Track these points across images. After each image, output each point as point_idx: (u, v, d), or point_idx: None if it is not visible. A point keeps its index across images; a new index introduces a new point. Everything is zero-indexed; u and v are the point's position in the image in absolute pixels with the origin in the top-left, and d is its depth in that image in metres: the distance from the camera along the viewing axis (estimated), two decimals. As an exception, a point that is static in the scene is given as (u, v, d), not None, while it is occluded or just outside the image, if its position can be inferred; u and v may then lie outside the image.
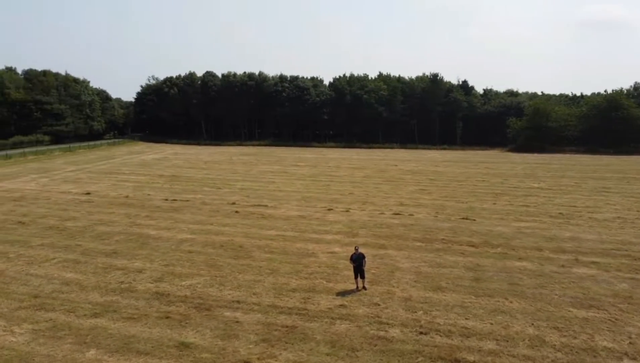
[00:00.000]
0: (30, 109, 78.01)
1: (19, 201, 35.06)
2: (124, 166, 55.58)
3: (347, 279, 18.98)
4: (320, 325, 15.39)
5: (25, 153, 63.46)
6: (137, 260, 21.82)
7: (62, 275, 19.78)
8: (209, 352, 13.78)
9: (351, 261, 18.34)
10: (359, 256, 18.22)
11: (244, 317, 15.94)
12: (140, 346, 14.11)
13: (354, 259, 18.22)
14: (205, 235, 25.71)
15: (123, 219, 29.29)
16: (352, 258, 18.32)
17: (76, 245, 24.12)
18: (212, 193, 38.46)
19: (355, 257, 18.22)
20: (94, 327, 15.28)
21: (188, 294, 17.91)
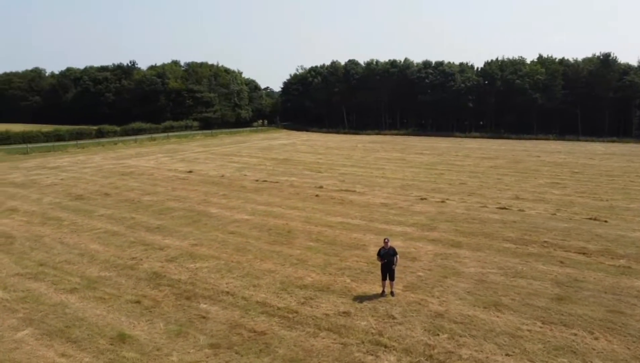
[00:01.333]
0: (184, 97, 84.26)
1: (126, 175, 36.46)
2: (246, 150, 56.14)
3: (379, 280, 14.62)
4: (298, 336, 11.55)
5: (169, 136, 68.25)
6: (173, 237, 20.29)
7: (87, 246, 18.74)
8: (139, 352, 10.98)
9: (379, 258, 14.23)
10: (388, 251, 13.95)
11: (218, 313, 13.02)
12: (78, 332, 11.89)
13: (382, 254, 14.00)
14: (263, 217, 23.13)
15: (198, 197, 28.22)
16: (379, 253, 14.16)
17: (131, 217, 23.34)
18: (308, 176, 35.95)
19: (384, 252, 14.00)
20: (56, 304, 13.57)
21: (183, 278, 15.35)
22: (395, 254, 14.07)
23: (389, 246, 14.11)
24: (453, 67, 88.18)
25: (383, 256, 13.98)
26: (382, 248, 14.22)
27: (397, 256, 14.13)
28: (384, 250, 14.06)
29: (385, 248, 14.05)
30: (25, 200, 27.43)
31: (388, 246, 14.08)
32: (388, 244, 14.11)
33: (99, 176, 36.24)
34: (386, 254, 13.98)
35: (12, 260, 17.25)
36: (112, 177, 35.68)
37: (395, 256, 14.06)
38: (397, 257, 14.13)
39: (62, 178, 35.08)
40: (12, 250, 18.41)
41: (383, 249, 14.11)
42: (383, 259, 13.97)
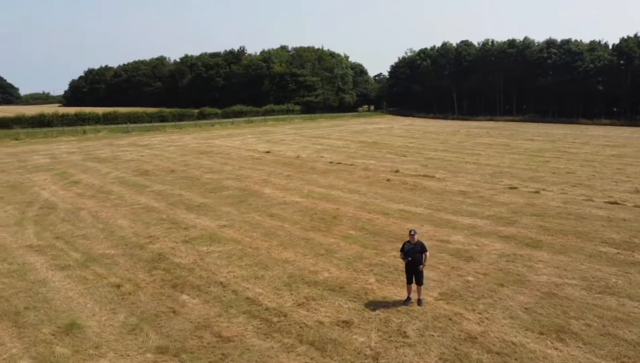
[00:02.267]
0: (287, 81, 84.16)
1: (203, 154, 36.10)
2: (337, 133, 53.90)
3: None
4: (268, 349, 8.93)
5: (267, 119, 68.14)
6: (207, 216, 18.64)
7: (115, 221, 17.73)
8: (74, 348, 9.12)
9: (401, 255, 11.04)
10: (414, 247, 10.75)
11: (194, 308, 10.95)
12: (32, 316, 10.41)
13: (406, 251, 10.75)
14: (315, 200, 20.64)
15: (259, 176, 26.57)
16: (403, 249, 10.97)
17: (179, 194, 22.16)
18: (388, 160, 32.73)
19: (408, 248, 10.81)
20: (37, 281, 12.35)
21: (185, 262, 13.36)
22: (423, 251, 10.67)
23: (415, 240, 10.70)
24: (581, 46, 77.78)
25: (407, 253, 10.67)
26: (406, 242, 10.89)
27: (426, 253, 10.72)
28: (408, 245, 10.74)
29: (411, 243, 10.71)
30: (94, 174, 27.57)
31: (415, 240, 10.70)
32: (415, 237, 10.73)
33: (177, 153, 36.12)
34: (411, 250, 10.66)
35: (35, 231, 16.50)
36: (189, 155, 35.31)
37: (423, 253, 10.64)
38: (426, 255, 10.73)
39: (142, 155, 35.40)
40: (43, 221, 17.80)
41: (408, 244, 10.78)
42: (407, 256, 10.62)
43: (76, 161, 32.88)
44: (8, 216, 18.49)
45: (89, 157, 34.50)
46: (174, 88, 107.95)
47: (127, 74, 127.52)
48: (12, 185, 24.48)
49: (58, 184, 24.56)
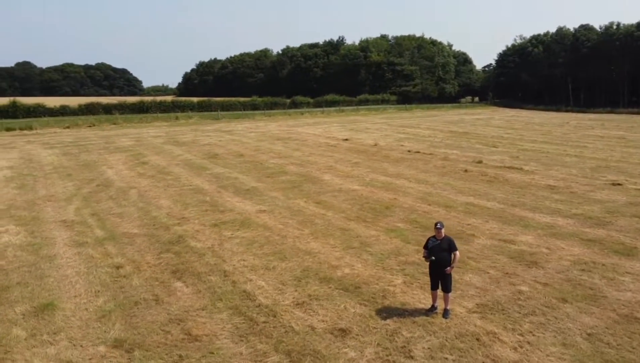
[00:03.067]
0: (383, 70, 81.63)
1: (279, 140, 35.54)
2: (428, 123, 50.85)
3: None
4: (233, 355, 7.26)
5: (359, 108, 66.40)
6: (251, 200, 17.54)
7: (157, 202, 17.34)
8: (32, 332, 8.15)
9: (425, 253, 8.79)
10: (439, 244, 8.62)
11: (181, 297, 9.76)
12: (16, 293, 9.78)
13: (430, 248, 8.64)
14: (373, 189, 18.84)
15: (326, 163, 25.19)
16: (426, 245, 8.78)
17: (234, 178, 21.46)
18: (474, 151, 29.75)
19: (432, 245, 8.64)
20: (47, 257, 11.83)
21: (201, 247, 12.31)
22: (452, 250, 8.37)
23: (442, 235, 8.42)
24: None
25: (431, 251, 8.43)
26: (431, 237, 8.65)
27: (455, 253, 8.43)
28: (433, 241, 8.52)
29: (437, 239, 8.45)
30: (165, 156, 27.76)
31: (441, 235, 8.42)
32: (441, 232, 8.45)
33: (255, 139, 35.74)
34: (436, 248, 8.42)
35: (77, 207, 16.42)
36: (266, 141, 34.76)
37: (452, 253, 8.34)
38: (455, 255, 8.44)
39: (220, 140, 35.44)
40: (91, 198, 17.81)
41: (432, 239, 8.55)
42: (430, 255, 8.40)
43: (156, 143, 33.62)
44: (64, 192, 18.67)
45: (170, 140, 35.16)
46: (274, 79, 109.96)
47: (233, 66, 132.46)
48: (86, 164, 25.21)
49: (126, 164, 24.87)
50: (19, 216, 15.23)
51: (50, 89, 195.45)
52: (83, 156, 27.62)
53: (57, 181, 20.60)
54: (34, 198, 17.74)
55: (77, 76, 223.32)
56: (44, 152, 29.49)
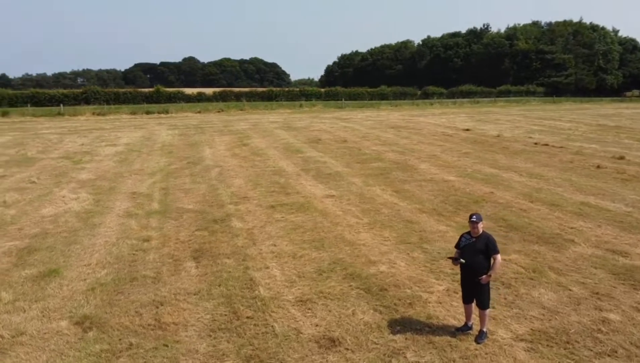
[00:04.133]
0: (531, 59, 74.35)
1: (393, 128, 33.92)
2: (572, 115, 44.77)
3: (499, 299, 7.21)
4: (189, 352, 6.23)
5: (497, 100, 61.22)
6: (327, 185, 16.24)
7: (231, 181, 16.98)
8: (16, 295, 7.82)
9: (455, 257, 6.61)
10: (473, 243, 6.51)
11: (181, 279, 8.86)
12: (38, 256, 9.61)
13: (462, 247, 6.58)
14: (471, 181, 16.58)
15: (431, 151, 23.04)
16: (458, 244, 6.69)
17: (322, 162, 20.61)
18: (619, 146, 25.26)
19: (465, 244, 6.56)
20: (90, 225, 11.81)
21: (239, 228, 11.59)
22: (491, 251, 6.17)
23: (479, 231, 6.23)
24: None
25: (462, 251, 6.31)
26: (464, 234, 6.47)
27: (496, 256, 6.17)
28: (466, 239, 6.36)
29: (472, 236, 6.29)
30: (269, 139, 27.75)
31: (477, 231, 6.24)
32: (478, 227, 6.24)
33: (367, 127, 34.32)
34: (469, 248, 6.28)
35: (155, 180, 16.74)
36: (378, 129, 33.16)
37: (492, 255, 6.13)
38: (495, 259, 6.20)
39: (332, 127, 34.71)
40: (174, 173, 18.09)
41: (466, 237, 6.39)
42: (458, 258, 6.27)
43: (269, 128, 33.83)
44: (153, 167, 19.14)
45: (284, 126, 35.19)
46: (412, 70, 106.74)
47: (373, 58, 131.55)
48: (193, 143, 25.98)
49: (228, 145, 25.10)
50: (98, 186, 15.67)
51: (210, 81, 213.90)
52: (195, 137, 28.57)
53: (156, 158, 21.24)
54: (124, 171, 18.33)
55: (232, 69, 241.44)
56: (165, 132, 31.20)
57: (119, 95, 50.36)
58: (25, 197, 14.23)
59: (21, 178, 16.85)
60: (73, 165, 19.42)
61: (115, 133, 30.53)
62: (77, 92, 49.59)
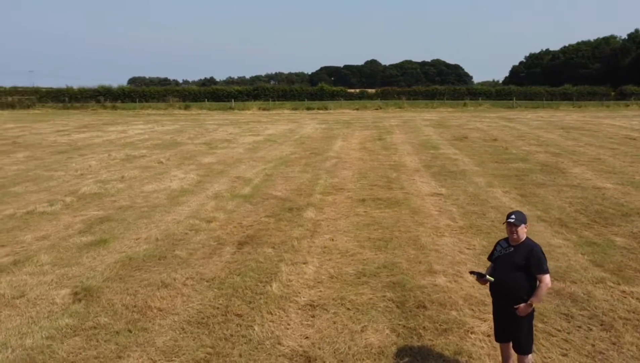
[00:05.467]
0: None
1: (563, 128, 29.54)
2: None
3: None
4: (124, 347, 5.58)
5: None
6: (439, 183, 14.36)
7: (339, 173, 16.04)
8: (53, 257, 8.13)
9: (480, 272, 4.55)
10: (510, 254, 4.44)
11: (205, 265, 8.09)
12: (103, 227, 10.03)
13: (494, 259, 4.57)
14: (632, 189, 13.33)
15: (596, 155, 19.45)
16: (491, 255, 4.66)
17: (454, 160, 18.59)
18: None
19: (499, 255, 4.53)
20: (173, 202, 12.01)
21: (308, 219, 10.61)
22: (535, 268, 4.18)
23: (520, 238, 4.27)
24: None
25: (494, 264, 4.42)
26: (500, 242, 4.51)
27: (542, 276, 4.14)
28: (501, 248, 4.42)
29: (509, 244, 4.37)
30: (411, 135, 26.29)
31: (518, 238, 4.30)
32: (518, 233, 4.27)
33: (531, 127, 30.56)
34: (504, 260, 4.34)
35: (270, 166, 16.56)
36: (543, 130, 29.32)
37: (538, 275, 4.14)
38: (542, 281, 4.18)
39: (489, 125, 31.60)
40: (291, 161, 17.84)
41: (502, 244, 4.44)
42: (485, 274, 4.37)
43: (417, 125, 32.12)
44: (275, 155, 19.22)
45: (435, 123, 33.12)
46: (612, 69, 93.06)
47: (565, 56, 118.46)
48: (330, 136, 25.76)
49: (361, 140, 24.29)
50: (211, 169, 16.09)
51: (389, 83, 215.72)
52: (336, 131, 28.26)
53: (284, 147, 21.31)
54: (246, 157, 18.64)
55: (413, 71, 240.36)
56: (311, 126, 31.53)
57: (285, 92, 52.91)
58: (142, 174, 15.06)
59: (155, 158, 18.06)
60: (207, 150, 20.34)
61: (266, 125, 31.77)
62: (249, 89, 53.43)
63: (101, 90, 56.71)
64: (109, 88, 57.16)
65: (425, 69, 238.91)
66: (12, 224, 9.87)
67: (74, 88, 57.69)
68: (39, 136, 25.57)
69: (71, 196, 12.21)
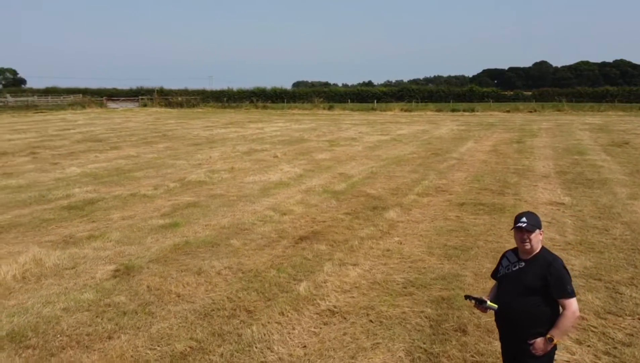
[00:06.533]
0: None
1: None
2: None
3: None
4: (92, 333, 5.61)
5: None
6: (568, 189, 12.37)
7: (450, 174, 14.94)
8: (123, 231, 8.73)
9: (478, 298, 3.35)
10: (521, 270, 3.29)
11: (275, 253, 7.79)
12: (194, 212, 10.56)
13: (499, 275, 3.51)
14: None
15: None
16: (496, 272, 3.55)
17: (599, 166, 16.14)
18: None
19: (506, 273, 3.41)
20: (266, 187, 12.20)
21: (390, 218, 9.90)
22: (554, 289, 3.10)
23: (534, 246, 3.22)
24: None
25: (500, 283, 3.42)
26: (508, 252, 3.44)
27: (568, 302, 3.04)
28: (508, 261, 3.38)
29: (520, 259, 3.32)
30: (561, 139, 23.37)
31: (532, 246, 3.23)
32: (531, 240, 3.21)
33: None
34: (511, 279, 3.33)
35: (381, 164, 15.91)
36: None
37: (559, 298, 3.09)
38: (568, 308, 3.07)
39: None
40: (409, 161, 16.92)
41: (509, 256, 3.40)
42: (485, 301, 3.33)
43: (570, 129, 28.42)
44: (392, 154, 18.45)
45: (595, 128, 29.02)
46: None
47: None
48: (461, 138, 24.06)
49: (496, 142, 22.21)
50: (320, 165, 15.94)
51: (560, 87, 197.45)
52: (471, 133, 26.30)
53: (407, 147, 20.47)
54: (362, 155, 18.22)
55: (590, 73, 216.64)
56: (446, 127, 29.85)
57: (431, 93, 50.99)
58: (252, 166, 15.43)
59: (272, 153, 18.47)
60: (327, 147, 20.27)
61: (400, 126, 30.85)
62: (394, 90, 52.57)
63: (256, 91, 60.72)
64: (263, 89, 60.96)
65: (606, 71, 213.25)
66: (113, 203, 10.61)
67: (233, 89, 62.72)
68: (187, 130, 27.99)
69: (177, 182, 12.84)
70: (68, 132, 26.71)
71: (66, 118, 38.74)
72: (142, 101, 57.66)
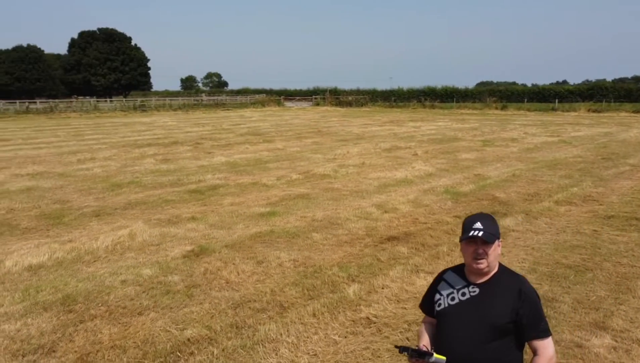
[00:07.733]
0: None
1: None
2: None
3: None
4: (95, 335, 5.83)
5: None
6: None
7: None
8: (196, 216, 9.27)
9: (407, 348, 2.31)
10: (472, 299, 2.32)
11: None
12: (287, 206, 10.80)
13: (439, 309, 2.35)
14: None
15: None
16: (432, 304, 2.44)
17: None
18: None
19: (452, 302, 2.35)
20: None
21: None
22: (526, 327, 2.24)
23: (490, 265, 2.40)
24: None
25: (442, 321, 2.44)
26: (446, 275, 2.56)
27: (542, 343, 2.19)
28: (451, 294, 2.46)
29: (470, 283, 2.42)
30: None
31: (488, 264, 2.38)
32: (488, 256, 2.32)
33: None
34: (461, 311, 2.37)
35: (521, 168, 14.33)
36: None
37: (529, 340, 2.28)
38: (542, 350, 2.19)
39: None
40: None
41: (452, 282, 2.51)
42: (427, 354, 2.21)
43: None
44: (554, 157, 16.29)
45: None
46: None
47: None
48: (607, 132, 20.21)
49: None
50: (460, 166, 14.74)
51: None
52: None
53: (569, 150, 17.87)
54: (516, 156, 16.42)
55: None
56: (637, 130, 25.41)
57: (629, 92, 43.78)
58: (385, 163, 15.00)
59: (413, 151, 17.68)
60: (479, 147, 18.74)
61: (578, 128, 27.12)
62: (582, 88, 46.39)
63: (426, 90, 59.27)
64: (433, 89, 59.22)
65: None
66: (232, 190, 11.07)
67: (403, 89, 62.11)
68: (343, 127, 28.39)
69: (302, 174, 12.95)
70: (238, 127, 29.13)
71: (244, 115, 42.48)
72: (315, 100, 60.55)
